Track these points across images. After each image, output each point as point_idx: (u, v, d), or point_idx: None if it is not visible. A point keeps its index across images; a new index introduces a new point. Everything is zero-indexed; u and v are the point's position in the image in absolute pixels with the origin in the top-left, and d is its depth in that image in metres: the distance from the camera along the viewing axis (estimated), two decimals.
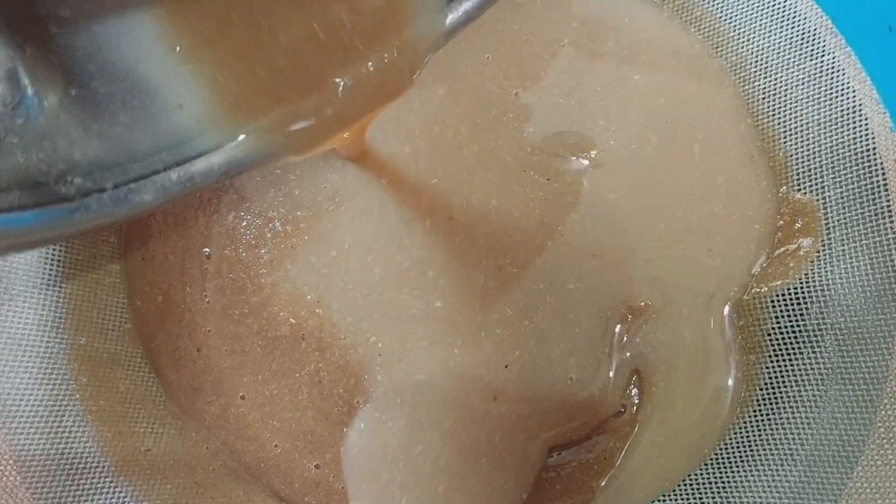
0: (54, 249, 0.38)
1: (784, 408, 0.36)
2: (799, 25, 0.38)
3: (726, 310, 0.37)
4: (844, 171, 0.36)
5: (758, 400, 0.37)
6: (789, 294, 0.37)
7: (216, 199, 0.40)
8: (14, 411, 0.35)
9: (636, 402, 0.37)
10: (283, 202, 0.39)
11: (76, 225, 0.24)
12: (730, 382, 0.37)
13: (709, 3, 0.41)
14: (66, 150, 0.23)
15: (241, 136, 0.26)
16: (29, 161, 0.23)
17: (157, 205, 0.25)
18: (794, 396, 0.36)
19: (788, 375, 0.36)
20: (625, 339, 0.37)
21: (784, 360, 0.36)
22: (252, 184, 0.39)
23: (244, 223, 0.39)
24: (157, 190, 0.25)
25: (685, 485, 0.37)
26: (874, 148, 0.35)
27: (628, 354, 0.37)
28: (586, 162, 0.39)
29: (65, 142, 0.23)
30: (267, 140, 0.26)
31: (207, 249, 0.39)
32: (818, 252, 0.37)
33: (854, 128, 0.36)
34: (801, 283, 0.37)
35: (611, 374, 0.37)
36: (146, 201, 0.25)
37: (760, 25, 0.39)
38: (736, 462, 0.36)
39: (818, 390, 0.35)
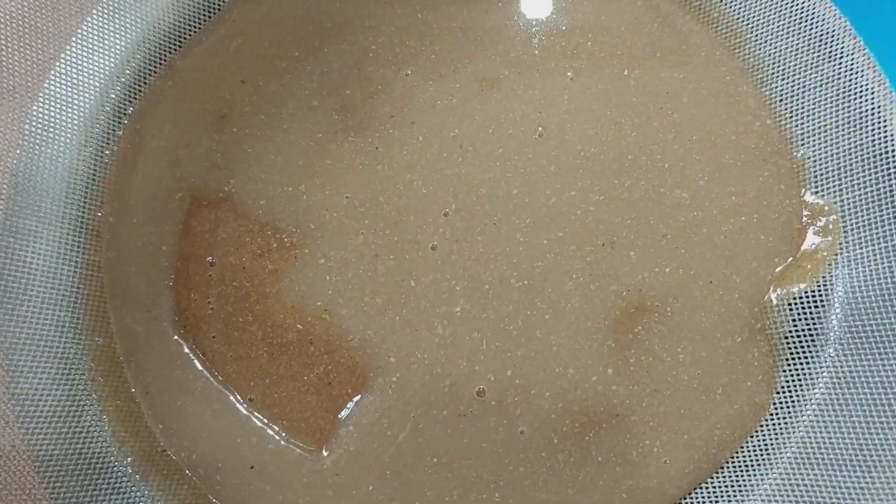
0: (72, 251, 0.38)
1: (802, 411, 0.36)
2: (817, 27, 0.38)
3: (745, 309, 0.37)
4: (863, 174, 0.36)
5: (775, 403, 0.36)
6: (807, 297, 0.37)
7: (220, 208, 0.40)
8: (32, 411, 0.35)
9: (645, 400, 0.37)
10: (290, 215, 0.39)
11: None
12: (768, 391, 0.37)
13: (727, 4, 0.41)
14: None
15: None
16: None
17: None
18: (811, 400, 0.36)
19: (806, 379, 0.36)
20: (633, 335, 0.37)
21: (802, 364, 0.36)
22: (260, 197, 0.40)
23: (249, 233, 0.39)
24: None
25: (701, 489, 0.36)
26: (893, 150, 0.35)
27: (633, 350, 0.37)
28: (602, 161, 0.39)
29: None
30: None
31: (211, 257, 0.39)
32: (836, 255, 0.37)
33: (873, 130, 0.36)
34: (820, 286, 0.36)
35: (619, 373, 0.37)
36: None
37: (778, 27, 0.39)
38: (753, 466, 0.36)
39: (836, 394, 0.35)
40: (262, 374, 0.38)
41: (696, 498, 0.36)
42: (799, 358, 0.36)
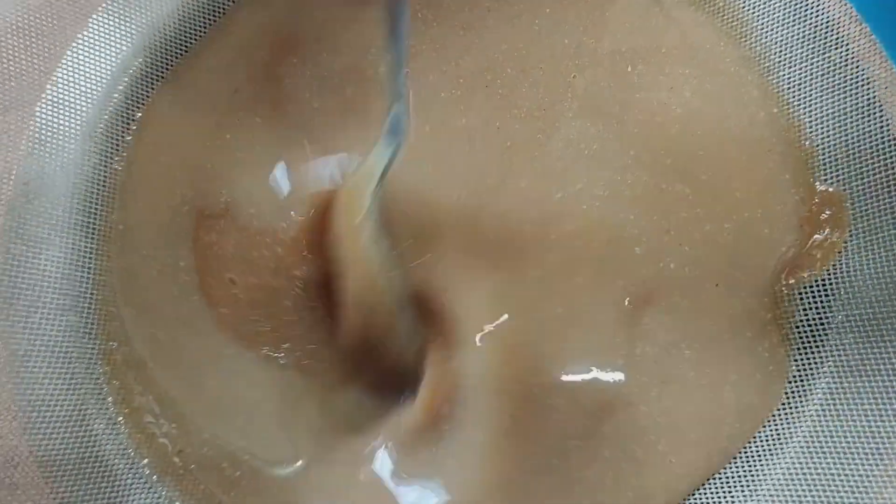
0: (84, 257, 0.38)
1: (812, 400, 0.36)
2: (823, 14, 0.38)
3: (754, 302, 0.37)
4: (870, 161, 0.36)
5: (786, 393, 0.36)
6: (817, 286, 0.37)
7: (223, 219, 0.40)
8: (47, 418, 0.36)
9: (653, 391, 0.37)
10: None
11: None
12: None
13: None
14: None
15: None
16: None
17: None
18: (822, 389, 0.36)
19: (816, 367, 0.36)
20: (641, 328, 0.37)
21: (812, 352, 0.36)
22: (250, 205, 0.40)
23: (254, 246, 0.39)
24: None
25: (714, 480, 0.37)
26: None
27: (641, 343, 0.37)
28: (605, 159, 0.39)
29: None
30: None
31: (231, 275, 0.39)
32: (846, 243, 0.36)
33: (879, 117, 0.36)
34: (829, 274, 0.36)
35: (629, 363, 0.37)
36: None
37: (784, 15, 0.39)
38: (764, 456, 0.36)
39: (847, 382, 0.35)
40: None
41: (708, 488, 0.36)
42: (809, 347, 0.36)
